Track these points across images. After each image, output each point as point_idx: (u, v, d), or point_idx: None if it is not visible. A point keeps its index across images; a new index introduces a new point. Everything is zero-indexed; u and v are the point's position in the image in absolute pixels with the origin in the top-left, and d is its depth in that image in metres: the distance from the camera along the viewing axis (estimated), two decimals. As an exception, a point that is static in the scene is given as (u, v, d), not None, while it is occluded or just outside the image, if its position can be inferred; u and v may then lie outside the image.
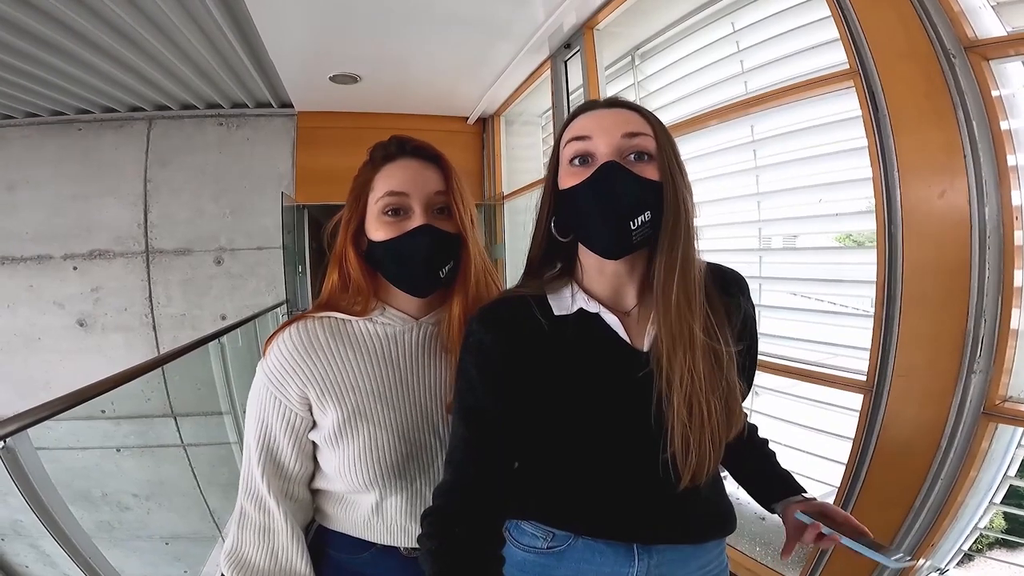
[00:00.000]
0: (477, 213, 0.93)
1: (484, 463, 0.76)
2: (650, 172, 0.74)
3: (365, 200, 0.89)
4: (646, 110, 0.79)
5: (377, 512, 0.91)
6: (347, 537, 0.94)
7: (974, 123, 1.24)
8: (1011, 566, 1.48)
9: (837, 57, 1.68)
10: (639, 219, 0.72)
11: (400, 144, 0.89)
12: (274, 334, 0.90)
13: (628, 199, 0.72)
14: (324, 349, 0.88)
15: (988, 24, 1.27)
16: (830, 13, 1.54)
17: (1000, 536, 1.52)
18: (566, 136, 0.78)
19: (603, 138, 0.74)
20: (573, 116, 0.80)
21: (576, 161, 0.76)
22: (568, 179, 0.76)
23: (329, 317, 0.90)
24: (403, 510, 0.90)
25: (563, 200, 0.78)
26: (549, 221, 0.81)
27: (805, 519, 0.84)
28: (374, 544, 0.93)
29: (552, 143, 0.85)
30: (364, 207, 0.89)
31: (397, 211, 0.86)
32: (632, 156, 0.74)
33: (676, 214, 0.73)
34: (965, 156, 1.25)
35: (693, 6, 2.35)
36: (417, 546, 0.89)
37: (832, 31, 1.67)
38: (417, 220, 0.85)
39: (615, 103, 0.78)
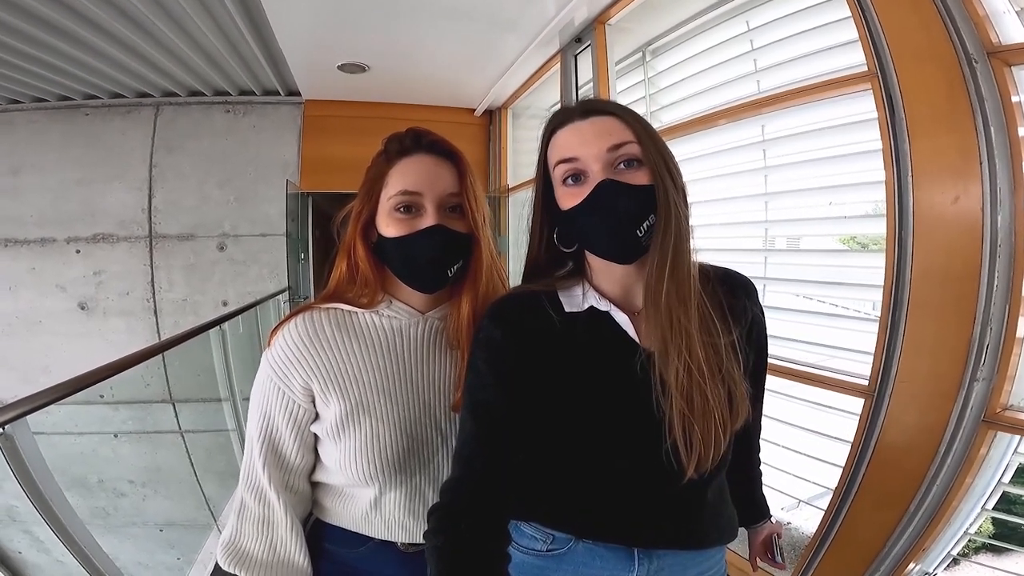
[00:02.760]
0: (489, 209, 0.91)
1: (493, 459, 0.76)
2: (641, 177, 0.74)
3: (378, 194, 0.88)
4: (623, 110, 0.79)
5: (375, 507, 0.90)
6: (344, 531, 0.93)
7: (992, 129, 1.22)
8: (996, 571, 1.49)
9: (850, 59, 1.66)
10: (644, 225, 0.74)
11: (416, 138, 0.88)
12: (280, 324, 0.89)
13: (630, 211, 0.74)
14: (329, 341, 0.87)
15: (1010, 29, 1.24)
16: (849, 14, 1.51)
17: (986, 541, 1.52)
18: (552, 157, 0.79)
19: (590, 155, 0.75)
20: (552, 130, 0.81)
21: (569, 181, 0.77)
22: (567, 200, 0.77)
23: (335, 309, 0.90)
24: (402, 505, 0.90)
25: (565, 219, 0.79)
26: (550, 236, 0.83)
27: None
28: (371, 538, 0.92)
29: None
30: (376, 201, 0.88)
31: (409, 208, 0.85)
32: (622, 164, 0.75)
33: (667, 214, 0.74)
34: (981, 163, 1.23)
35: (707, 3, 2.32)
36: (415, 542, 0.91)
37: (847, 32, 1.65)
38: (429, 219, 0.84)
39: (590, 110, 0.78)
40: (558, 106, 3.34)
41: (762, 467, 1.04)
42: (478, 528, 0.72)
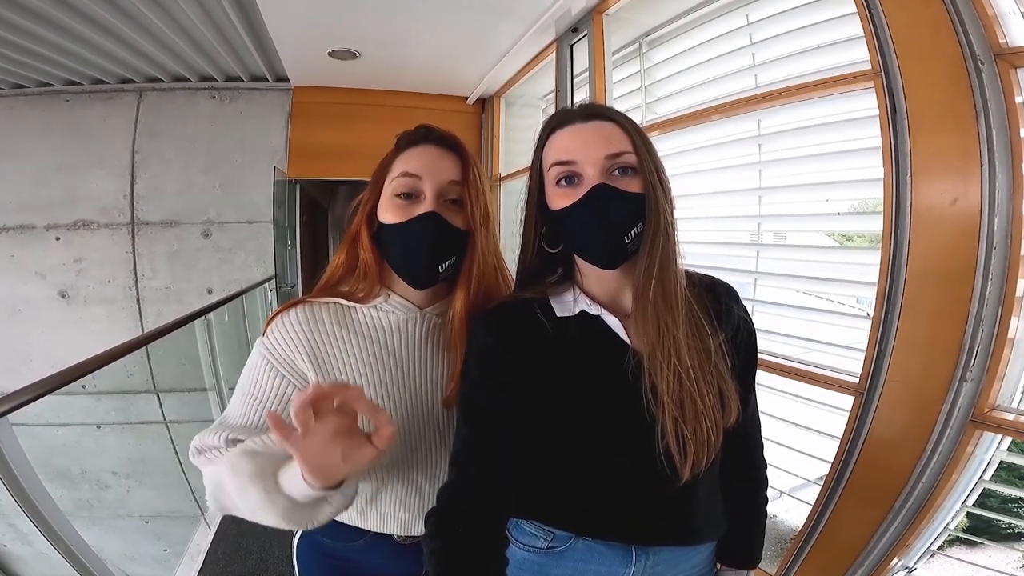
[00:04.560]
0: (496, 208, 0.91)
1: (488, 464, 0.77)
2: (634, 186, 0.76)
3: (382, 182, 0.88)
4: (624, 118, 0.80)
5: (372, 501, 0.90)
6: (340, 525, 0.92)
7: (994, 131, 1.22)
8: (968, 565, 1.52)
9: (849, 55, 1.65)
10: (632, 232, 0.75)
11: (425, 132, 0.90)
12: (276, 313, 0.89)
13: (621, 217, 0.75)
14: (329, 334, 0.87)
15: (1017, 31, 1.23)
16: (849, 11, 1.50)
17: (960, 535, 1.55)
18: (548, 158, 0.80)
19: (588, 160, 0.76)
20: (550, 130, 0.81)
21: (563, 182, 0.78)
22: (558, 200, 0.78)
23: (333, 303, 0.89)
24: (398, 500, 0.90)
25: (555, 219, 0.80)
26: (538, 237, 0.83)
27: None
28: (368, 531, 0.92)
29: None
30: (381, 189, 0.88)
31: (409, 195, 0.85)
32: (617, 171, 0.76)
33: (656, 223, 0.75)
34: (982, 165, 1.23)
35: (707, -5, 2.29)
36: (412, 534, 0.91)
37: (849, 29, 1.64)
38: (426, 206, 0.84)
39: (592, 114, 0.79)
40: (552, 95, 3.34)
41: (766, 471, 0.97)
42: (475, 532, 0.73)
